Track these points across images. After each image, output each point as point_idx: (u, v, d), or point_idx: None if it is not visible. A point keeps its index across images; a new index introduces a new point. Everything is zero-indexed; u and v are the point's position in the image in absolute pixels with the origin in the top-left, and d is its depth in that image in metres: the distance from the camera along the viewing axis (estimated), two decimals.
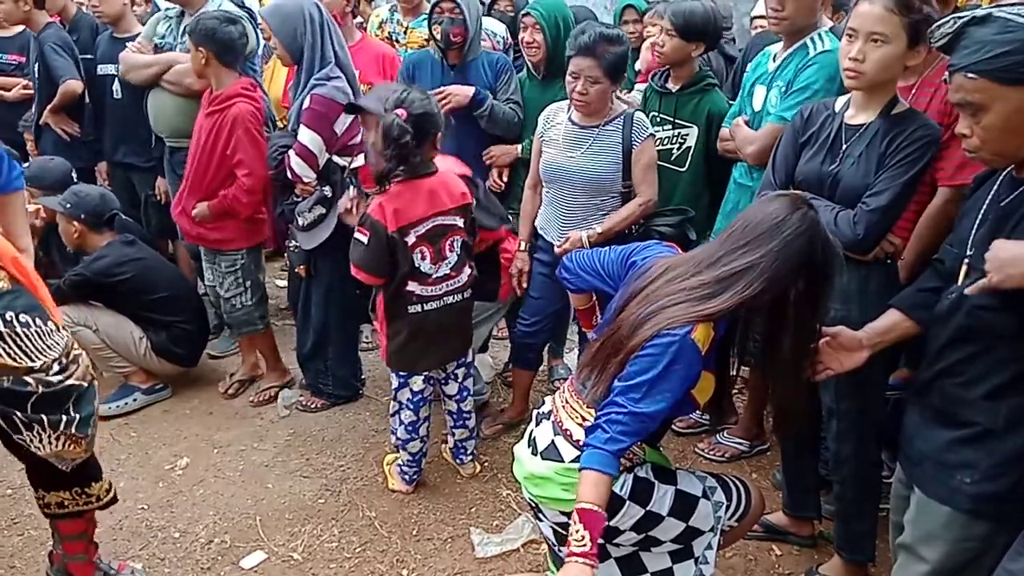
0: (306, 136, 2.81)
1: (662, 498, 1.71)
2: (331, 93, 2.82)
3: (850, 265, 1.97)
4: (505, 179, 3.19)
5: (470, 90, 3.00)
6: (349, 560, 2.44)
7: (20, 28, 4.12)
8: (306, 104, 2.82)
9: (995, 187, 1.55)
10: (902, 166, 1.85)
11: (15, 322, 1.83)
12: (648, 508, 1.69)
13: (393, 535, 2.54)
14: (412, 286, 2.48)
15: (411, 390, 2.62)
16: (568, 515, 1.59)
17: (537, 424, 1.83)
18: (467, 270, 2.58)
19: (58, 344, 1.92)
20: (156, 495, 2.76)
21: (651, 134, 2.61)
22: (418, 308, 2.51)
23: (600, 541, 1.55)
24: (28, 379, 1.84)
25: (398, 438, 2.69)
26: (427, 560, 2.43)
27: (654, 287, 1.63)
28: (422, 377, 2.61)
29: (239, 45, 3.03)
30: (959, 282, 1.54)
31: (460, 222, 2.52)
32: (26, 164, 3.61)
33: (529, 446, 1.80)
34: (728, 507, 1.82)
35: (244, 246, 3.21)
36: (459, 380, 2.70)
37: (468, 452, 2.82)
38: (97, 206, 3.26)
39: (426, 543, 2.51)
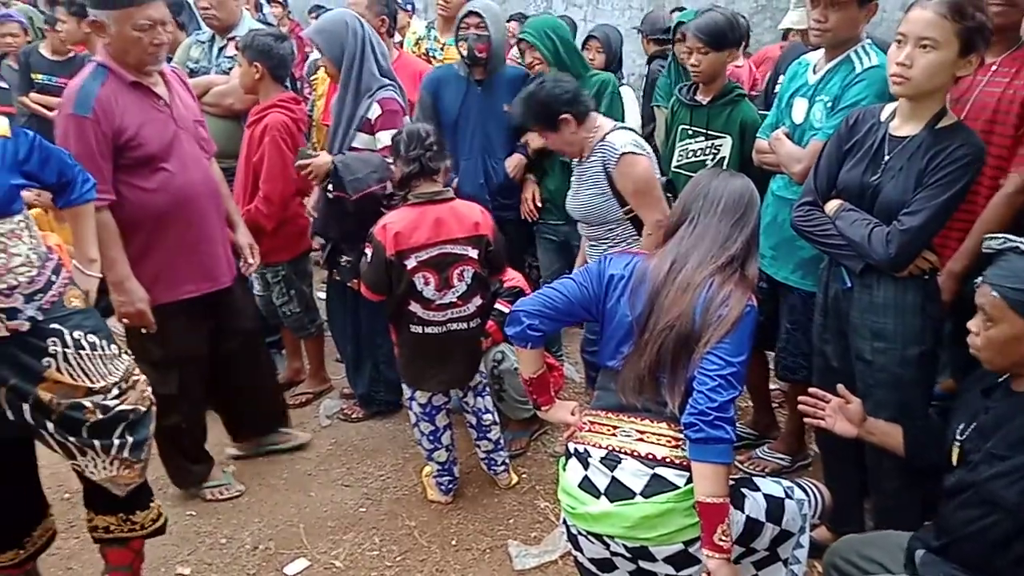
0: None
1: (755, 503, 1.71)
2: (396, 96, 2.89)
3: (886, 278, 1.96)
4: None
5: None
6: (390, 569, 2.47)
7: (72, 54, 4.27)
8: (376, 112, 2.83)
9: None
10: (940, 186, 1.82)
11: (83, 341, 1.88)
12: (747, 514, 1.68)
13: (433, 545, 2.57)
14: (414, 307, 2.50)
15: (418, 403, 2.64)
16: (689, 543, 1.62)
17: (585, 467, 1.70)
18: (476, 300, 2.56)
19: (117, 369, 1.95)
20: (203, 501, 2.83)
21: (625, 152, 2.43)
22: (419, 329, 2.53)
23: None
24: (86, 402, 1.87)
25: (424, 448, 2.72)
26: (466, 570, 2.46)
27: (682, 277, 1.67)
28: (427, 393, 2.63)
29: (289, 61, 3.13)
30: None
31: (472, 252, 2.50)
32: None
33: (601, 496, 1.65)
34: (809, 503, 1.82)
35: (284, 259, 3.27)
36: (475, 395, 2.70)
37: (500, 463, 2.81)
38: None
39: (465, 553, 2.53)
